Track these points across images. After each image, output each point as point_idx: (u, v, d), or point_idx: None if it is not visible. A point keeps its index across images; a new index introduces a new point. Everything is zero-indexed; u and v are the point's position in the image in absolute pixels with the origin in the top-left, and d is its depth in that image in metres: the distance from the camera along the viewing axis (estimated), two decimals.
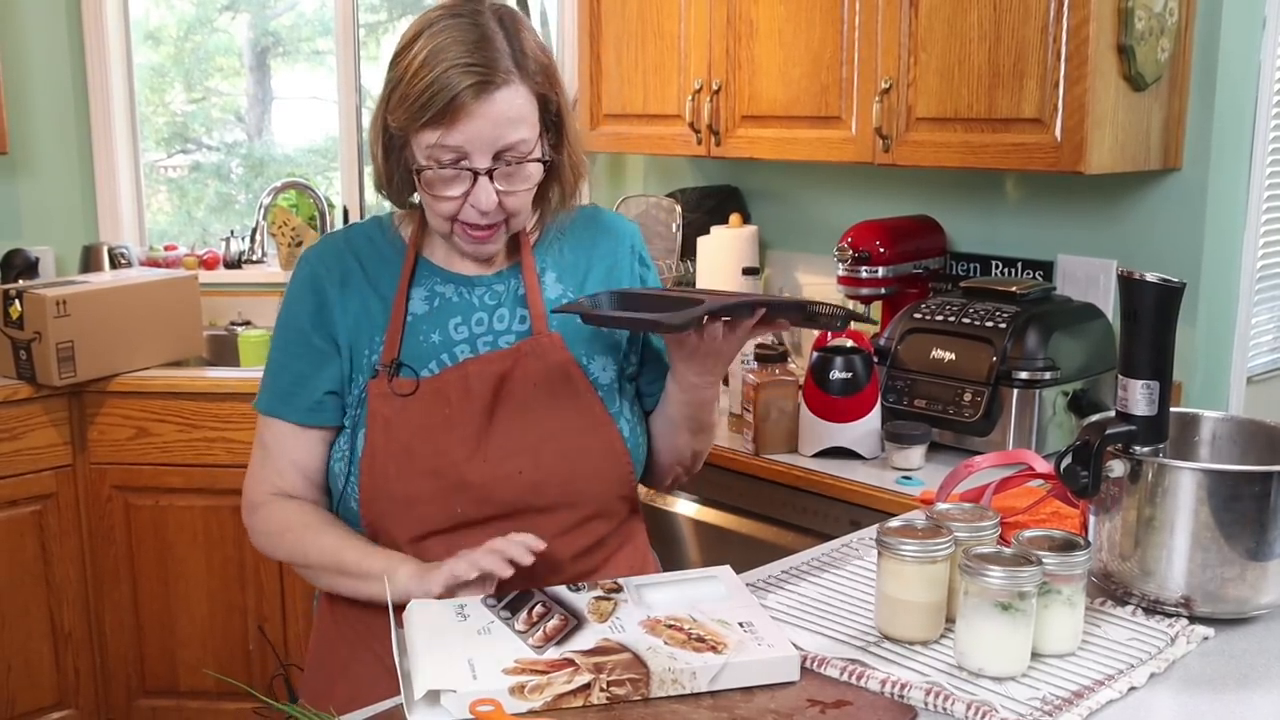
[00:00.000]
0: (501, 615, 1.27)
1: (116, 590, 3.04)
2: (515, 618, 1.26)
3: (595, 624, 1.25)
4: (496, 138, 1.34)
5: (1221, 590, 1.31)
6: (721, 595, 1.33)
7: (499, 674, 1.15)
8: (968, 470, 1.55)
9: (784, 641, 1.23)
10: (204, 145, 4.00)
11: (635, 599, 1.31)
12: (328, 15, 3.80)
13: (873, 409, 2.30)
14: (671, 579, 1.38)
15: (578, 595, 1.32)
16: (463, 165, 1.35)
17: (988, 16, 2.28)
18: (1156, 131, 2.34)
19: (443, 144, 1.34)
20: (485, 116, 1.33)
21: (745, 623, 1.26)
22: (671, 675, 1.16)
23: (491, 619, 1.26)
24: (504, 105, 1.34)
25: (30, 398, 2.89)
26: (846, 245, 2.61)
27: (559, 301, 1.49)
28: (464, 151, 1.35)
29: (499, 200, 1.38)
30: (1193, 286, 2.37)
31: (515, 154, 1.37)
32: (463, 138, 1.33)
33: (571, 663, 1.17)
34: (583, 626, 1.25)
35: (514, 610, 1.28)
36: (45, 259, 3.43)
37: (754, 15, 2.71)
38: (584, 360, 1.48)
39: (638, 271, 1.57)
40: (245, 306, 3.58)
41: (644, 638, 1.22)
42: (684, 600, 1.31)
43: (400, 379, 1.43)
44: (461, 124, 1.33)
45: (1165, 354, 1.33)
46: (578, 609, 1.28)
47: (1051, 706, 1.15)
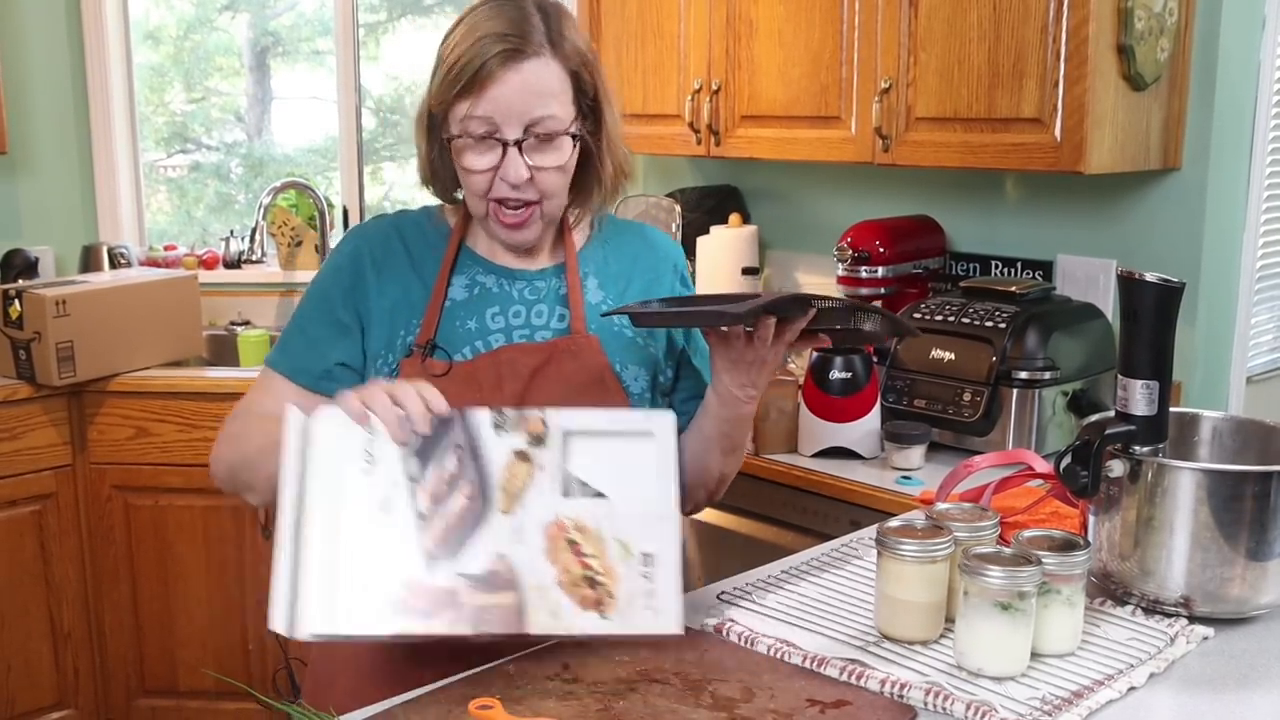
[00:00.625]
0: (410, 470, 1.23)
1: (116, 590, 3.04)
2: (423, 476, 1.23)
3: (500, 515, 1.22)
4: (526, 109, 1.36)
5: (1221, 590, 1.31)
6: (645, 477, 1.27)
7: (383, 612, 1.17)
8: (967, 470, 1.55)
9: (672, 599, 1.22)
10: (204, 145, 4.00)
11: (555, 460, 1.25)
12: (327, 15, 3.80)
13: (872, 409, 2.30)
14: (605, 428, 1.30)
15: (499, 440, 1.26)
16: (493, 135, 1.37)
17: (987, 16, 2.28)
18: (1156, 131, 2.34)
19: (473, 114, 1.36)
20: (513, 85, 1.35)
21: (647, 555, 1.23)
22: (549, 629, 1.19)
23: (396, 479, 1.23)
24: (533, 75, 1.36)
25: (30, 398, 2.89)
26: (846, 245, 2.61)
27: (600, 306, 1.49)
28: (494, 123, 1.36)
29: (530, 176, 1.38)
30: (1192, 286, 2.37)
31: (545, 128, 1.37)
32: (491, 106, 1.35)
33: (455, 598, 1.18)
34: (487, 517, 1.22)
35: (424, 460, 1.24)
36: (45, 259, 3.43)
37: (753, 15, 2.71)
38: (618, 367, 1.47)
39: (678, 290, 1.57)
40: (245, 306, 3.58)
41: (537, 565, 1.21)
42: (605, 477, 1.26)
43: (433, 360, 1.44)
44: (490, 91, 1.35)
45: (1165, 354, 1.34)
46: (488, 473, 1.24)
47: (1051, 706, 1.15)
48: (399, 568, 1.20)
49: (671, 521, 1.27)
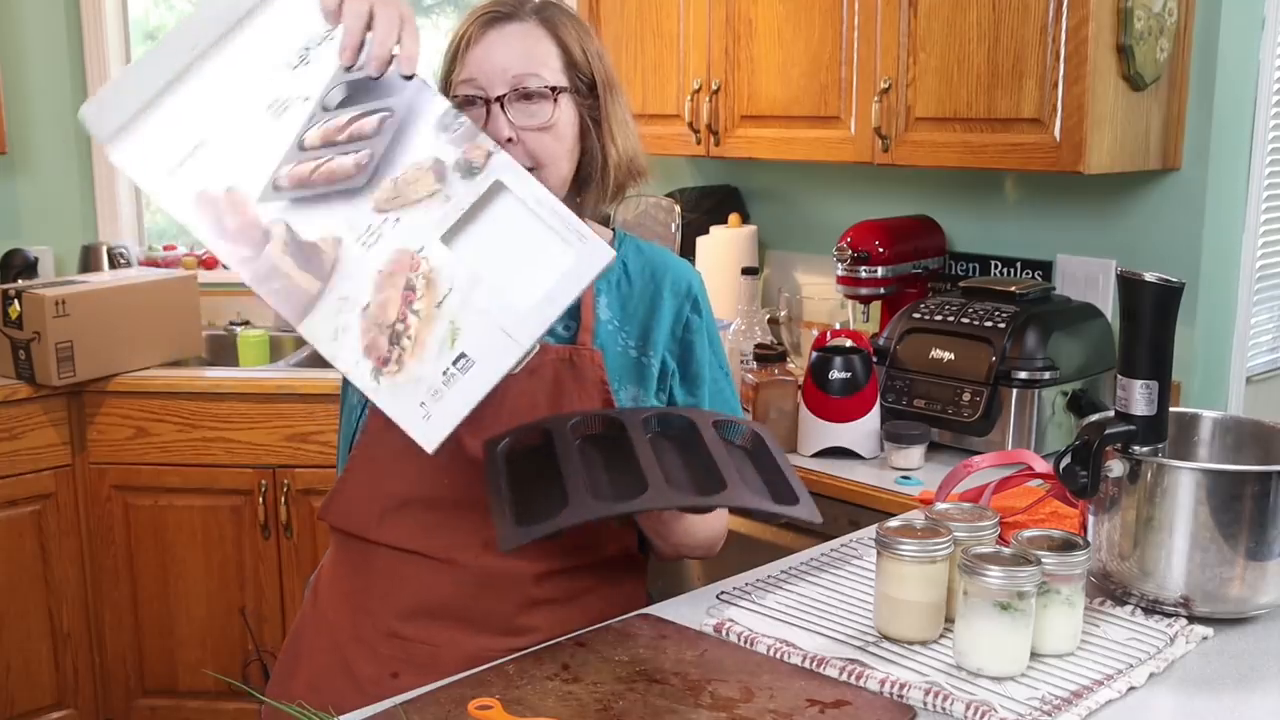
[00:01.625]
0: (328, 97, 1.08)
1: (115, 590, 3.04)
2: (334, 112, 1.08)
3: (369, 204, 1.06)
4: (507, 66, 1.37)
5: (1221, 590, 1.31)
6: (533, 289, 1.09)
7: (185, 190, 1.05)
8: (967, 470, 1.55)
9: (447, 422, 1.08)
10: None
11: (465, 201, 1.08)
12: None
13: (872, 409, 2.30)
14: (537, 209, 1.11)
15: (433, 139, 1.09)
16: (479, 96, 1.37)
17: (987, 16, 2.28)
18: (1156, 131, 2.34)
19: (461, 79, 1.38)
20: (495, 44, 1.37)
21: (465, 358, 1.08)
22: (316, 342, 1.08)
23: (309, 94, 1.08)
24: (514, 36, 1.38)
25: (29, 398, 2.89)
26: (846, 245, 2.61)
27: (607, 325, 1.47)
28: (479, 84, 1.37)
29: (515, 137, 1.37)
30: (1192, 286, 2.37)
31: (528, 85, 1.37)
32: (476, 67, 1.37)
33: (262, 240, 1.05)
34: (356, 197, 1.06)
35: (349, 99, 1.09)
36: (44, 259, 3.43)
37: (753, 15, 2.71)
38: (615, 385, 1.45)
39: (685, 315, 1.52)
40: (244, 306, 3.58)
41: (361, 279, 1.06)
42: (497, 256, 1.08)
43: None
44: (474, 53, 1.38)
45: (1164, 354, 1.34)
46: (394, 159, 1.07)
47: (1051, 706, 1.15)
48: (237, 170, 1.06)
49: (516, 353, 1.11)
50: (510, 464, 1.28)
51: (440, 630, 1.40)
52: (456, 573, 1.40)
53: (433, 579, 1.41)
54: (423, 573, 1.42)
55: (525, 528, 1.17)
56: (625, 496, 1.19)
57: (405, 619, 1.42)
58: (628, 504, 1.19)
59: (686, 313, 1.52)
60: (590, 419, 1.33)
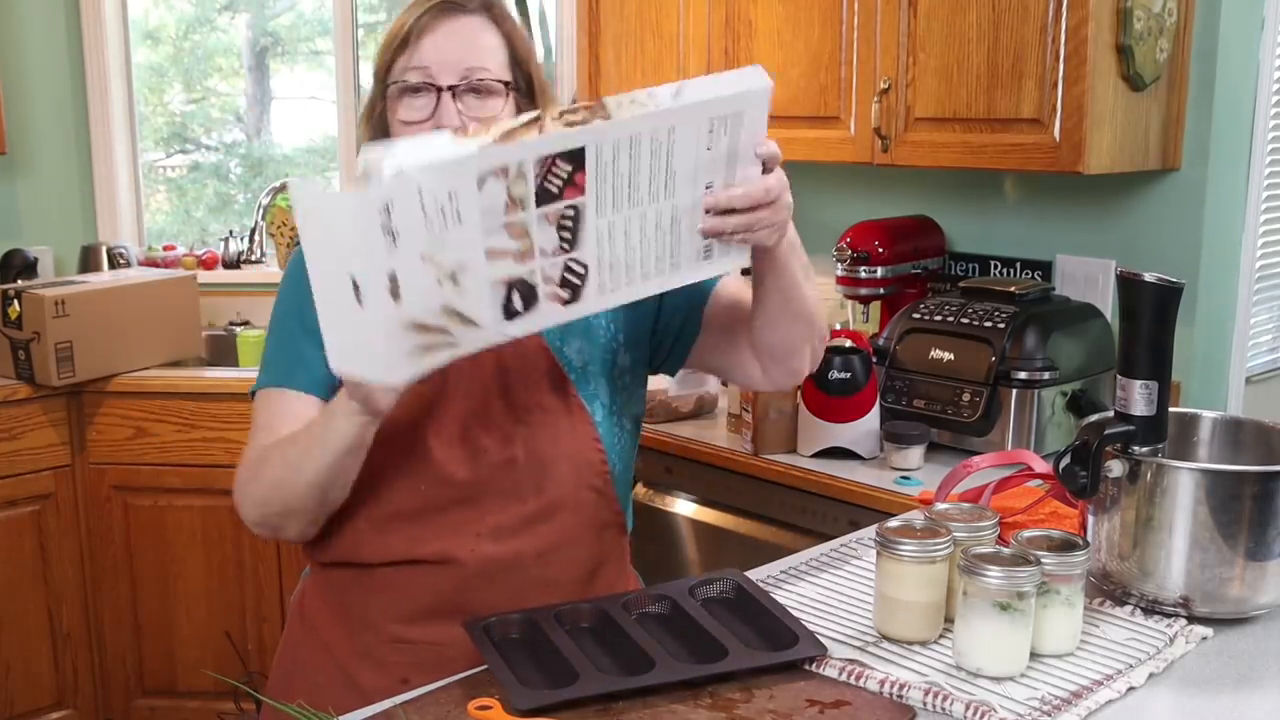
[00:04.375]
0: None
1: (115, 590, 3.04)
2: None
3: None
4: (461, 58, 1.36)
5: (1220, 590, 1.32)
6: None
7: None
8: (966, 470, 1.55)
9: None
10: (203, 145, 4.00)
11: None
12: (326, 15, 3.80)
13: (871, 409, 2.30)
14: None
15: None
16: (428, 84, 1.36)
17: (986, 17, 2.28)
18: (1155, 131, 2.34)
19: (409, 65, 1.37)
20: (449, 34, 1.37)
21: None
22: (629, 99, 1.08)
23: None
24: (468, 30, 1.38)
25: (29, 398, 2.89)
26: (845, 245, 2.61)
27: None
28: (430, 72, 1.36)
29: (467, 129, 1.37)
30: (1191, 286, 2.37)
31: (480, 78, 1.37)
32: (427, 55, 1.36)
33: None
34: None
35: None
36: (44, 259, 3.43)
37: (753, 15, 2.70)
38: (557, 344, 1.44)
39: None
40: (244, 307, 3.58)
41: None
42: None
43: None
44: (426, 40, 1.36)
45: (1164, 354, 1.34)
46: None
47: (1050, 706, 1.15)
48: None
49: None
50: (495, 640, 1.28)
51: (446, 628, 1.39)
52: (456, 569, 1.40)
53: (433, 581, 1.41)
54: (422, 577, 1.41)
55: (538, 690, 1.17)
56: (634, 672, 1.20)
57: (409, 624, 1.41)
58: (639, 678, 1.19)
59: None
60: (577, 609, 1.34)
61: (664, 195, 1.14)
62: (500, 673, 1.19)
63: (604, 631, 1.30)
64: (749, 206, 1.20)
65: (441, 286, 1.07)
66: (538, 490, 1.42)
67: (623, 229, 1.14)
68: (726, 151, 1.15)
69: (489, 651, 1.23)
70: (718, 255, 1.22)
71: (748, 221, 1.21)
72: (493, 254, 1.08)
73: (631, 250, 1.16)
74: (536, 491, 1.42)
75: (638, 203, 1.13)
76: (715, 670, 1.20)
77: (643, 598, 1.35)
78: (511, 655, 1.25)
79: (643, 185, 1.12)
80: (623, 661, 1.24)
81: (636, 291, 1.20)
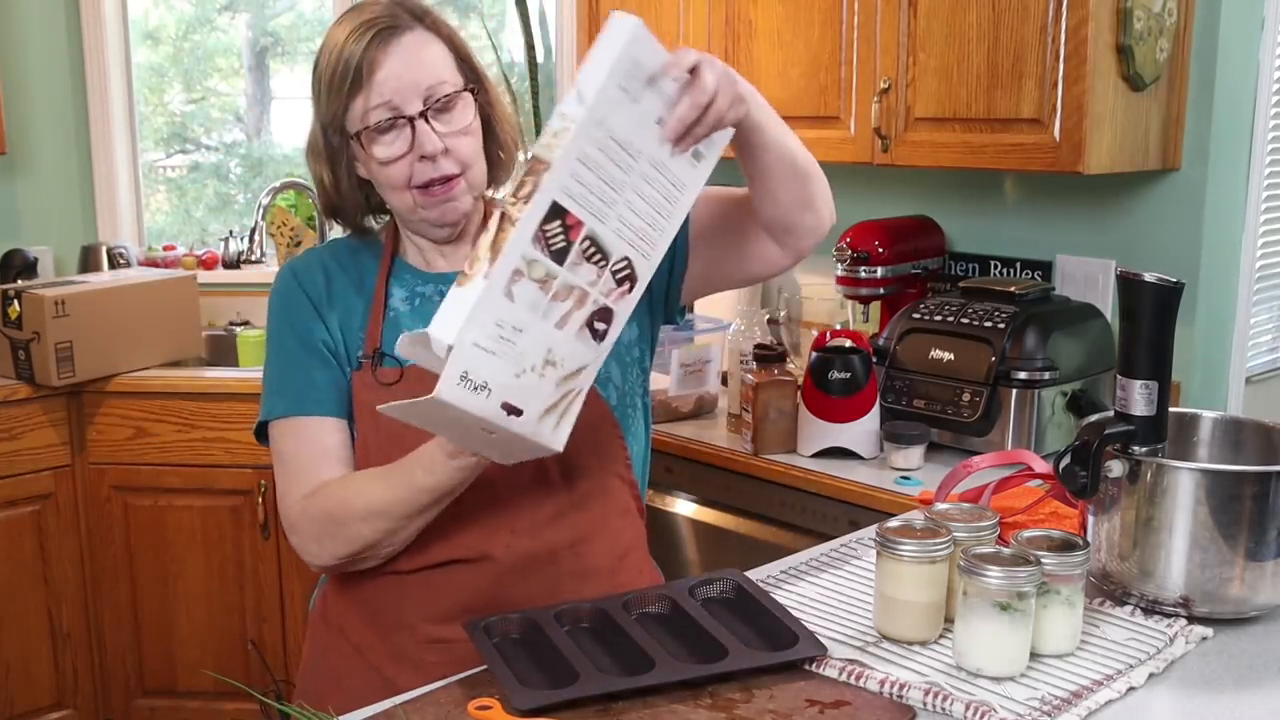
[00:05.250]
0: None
1: (115, 590, 3.04)
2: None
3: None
4: (418, 80, 1.36)
5: (1220, 590, 1.31)
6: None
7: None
8: (966, 470, 1.55)
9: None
10: (203, 145, 4.00)
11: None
12: (326, 15, 3.80)
13: (871, 409, 2.30)
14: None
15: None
16: (398, 117, 1.36)
17: (986, 17, 2.28)
18: (1155, 131, 2.34)
19: (371, 105, 1.36)
20: (399, 61, 1.36)
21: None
22: (552, 134, 1.14)
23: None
24: (413, 48, 1.37)
25: (29, 398, 2.89)
26: (845, 245, 2.61)
27: None
28: (394, 105, 1.36)
29: (445, 147, 1.37)
30: (1191, 286, 2.37)
31: (442, 93, 1.37)
32: (387, 89, 1.35)
33: None
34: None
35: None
36: (44, 259, 3.43)
37: (753, 15, 2.70)
38: None
39: None
40: (244, 306, 3.58)
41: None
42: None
43: (384, 369, 1.41)
44: (379, 75, 1.35)
45: (1164, 354, 1.34)
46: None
47: (1050, 707, 1.15)
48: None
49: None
50: (495, 640, 1.28)
51: None
52: (492, 566, 1.40)
53: (470, 579, 1.41)
54: (458, 576, 1.41)
55: (538, 690, 1.17)
56: (634, 673, 1.20)
57: (447, 623, 1.41)
58: (639, 678, 1.19)
59: None
60: (577, 609, 1.34)
61: (635, 161, 1.20)
62: (500, 673, 1.19)
63: (604, 631, 1.30)
64: (700, 112, 1.22)
65: (545, 377, 1.17)
66: (566, 482, 1.43)
67: (628, 209, 1.21)
68: (649, 92, 1.20)
69: (489, 651, 1.23)
70: (705, 150, 1.28)
71: (710, 119, 1.23)
72: (561, 323, 1.17)
73: (645, 213, 1.22)
74: (565, 483, 1.43)
75: (623, 186, 1.19)
76: (715, 670, 1.20)
77: (643, 598, 1.35)
78: (511, 655, 1.25)
79: (615, 173, 1.18)
80: (623, 661, 1.23)
81: (670, 230, 1.26)
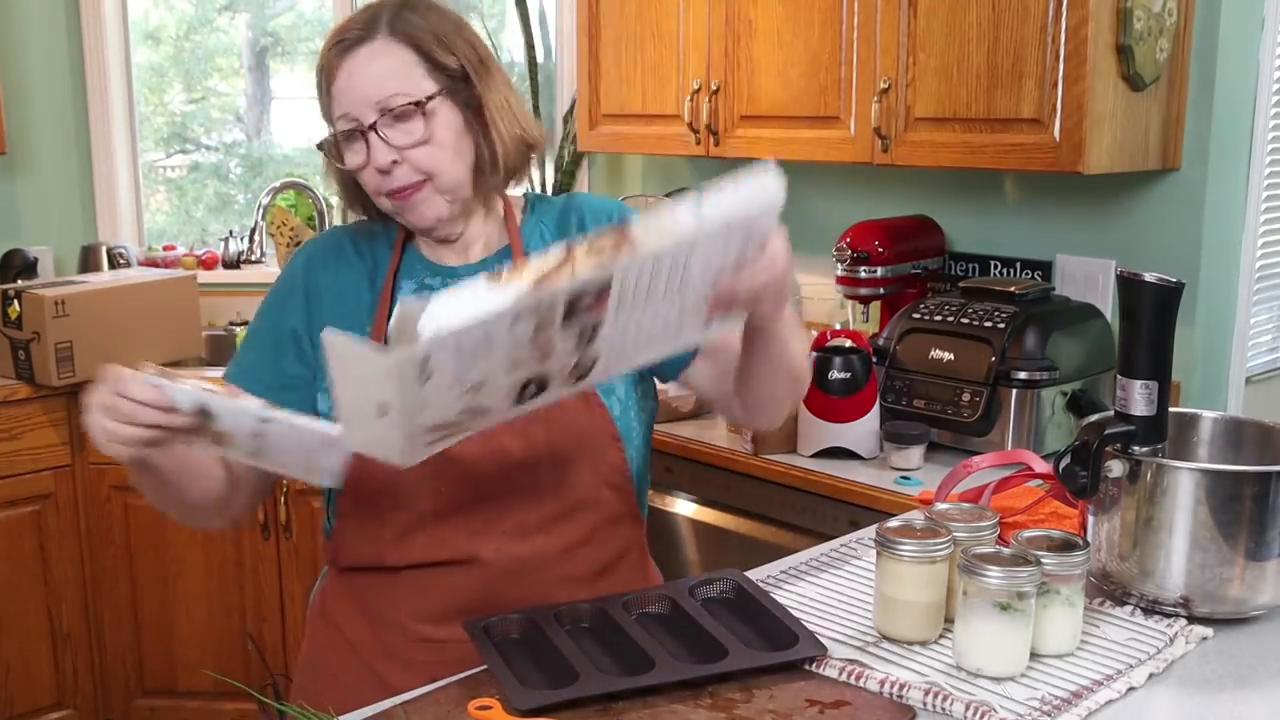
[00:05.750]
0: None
1: (115, 590, 3.04)
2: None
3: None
4: (369, 92, 1.36)
5: (1220, 590, 1.31)
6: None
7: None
8: (966, 470, 1.55)
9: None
10: (203, 145, 4.00)
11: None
12: (326, 15, 3.80)
13: (871, 409, 2.30)
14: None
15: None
16: (355, 128, 1.37)
17: (986, 17, 2.28)
18: (1155, 132, 2.34)
19: (336, 114, 1.39)
20: (352, 73, 1.37)
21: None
22: (656, 226, 1.07)
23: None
24: (366, 60, 1.37)
25: (29, 398, 2.89)
26: (845, 245, 2.61)
27: None
28: (352, 115, 1.37)
29: (396, 159, 1.37)
30: (1191, 286, 2.37)
31: (393, 105, 1.36)
32: (345, 100, 1.37)
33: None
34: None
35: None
36: (44, 259, 3.43)
37: (753, 15, 2.70)
38: None
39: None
40: (244, 306, 3.58)
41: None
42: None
43: None
44: (337, 85, 1.38)
45: (1164, 354, 1.34)
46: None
47: (1050, 707, 1.15)
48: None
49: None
50: (495, 640, 1.28)
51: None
52: (481, 569, 1.40)
53: (461, 580, 1.41)
54: (449, 577, 1.41)
55: (538, 690, 1.17)
56: (634, 673, 1.20)
57: (437, 623, 1.41)
58: (639, 678, 1.19)
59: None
60: (577, 609, 1.34)
61: (678, 294, 1.14)
62: (500, 673, 1.19)
63: (604, 631, 1.30)
64: (756, 287, 1.18)
65: (463, 397, 1.11)
66: (557, 490, 1.43)
67: (637, 324, 1.15)
68: (737, 252, 1.16)
69: (489, 651, 1.23)
70: (717, 321, 1.22)
71: (755, 295, 1.19)
72: (512, 368, 1.11)
73: (641, 335, 1.17)
74: (556, 491, 1.43)
75: (652, 302, 1.13)
76: (715, 670, 1.20)
77: (643, 598, 1.35)
78: (511, 655, 1.25)
79: (659, 291, 1.13)
80: (623, 661, 1.23)
81: (640, 361, 1.21)
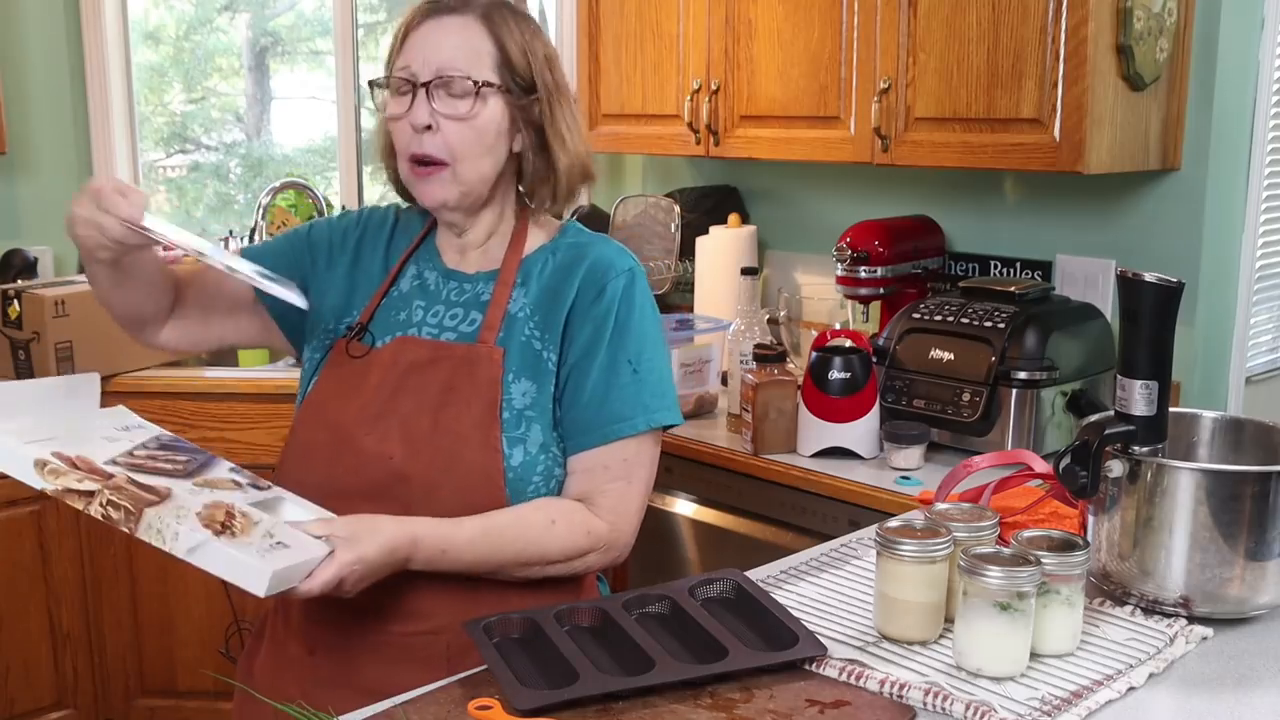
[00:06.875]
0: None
1: (115, 590, 3.04)
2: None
3: (188, 483, 1.31)
4: (436, 55, 1.40)
5: (1220, 590, 1.32)
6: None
7: (41, 448, 1.26)
8: (966, 470, 1.55)
9: (262, 571, 1.21)
10: (203, 145, 4.00)
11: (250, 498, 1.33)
12: (326, 15, 3.80)
13: (871, 409, 2.30)
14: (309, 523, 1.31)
15: (232, 492, 1.34)
16: (409, 81, 1.41)
17: (986, 17, 2.28)
18: (1155, 131, 2.34)
19: (399, 65, 1.43)
20: (429, 33, 1.42)
21: (279, 543, 1.25)
22: (158, 527, 1.22)
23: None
24: (449, 28, 1.42)
25: None
26: (845, 245, 2.61)
27: (519, 314, 1.45)
28: (411, 70, 1.41)
29: (433, 125, 1.39)
30: (1191, 286, 2.37)
31: (451, 74, 1.39)
32: (410, 55, 1.42)
33: (102, 473, 1.25)
34: (180, 477, 1.32)
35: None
36: (44, 259, 3.42)
37: (753, 15, 2.71)
38: (510, 378, 1.43)
39: (586, 306, 1.45)
40: None
41: (188, 502, 1.27)
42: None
43: (358, 343, 1.49)
44: (410, 41, 1.43)
45: (1164, 354, 1.34)
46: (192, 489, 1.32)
47: (1050, 707, 1.15)
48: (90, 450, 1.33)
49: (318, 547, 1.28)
50: (494, 640, 1.28)
51: (442, 608, 1.41)
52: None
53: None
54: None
55: (538, 690, 1.17)
56: (634, 673, 1.20)
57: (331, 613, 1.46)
58: (639, 678, 1.19)
59: (589, 300, 1.44)
60: (577, 609, 1.34)
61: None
62: (500, 673, 1.19)
63: (604, 631, 1.30)
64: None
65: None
66: (431, 511, 1.39)
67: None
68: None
69: (489, 651, 1.23)
70: None
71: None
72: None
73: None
74: (429, 511, 1.39)
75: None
76: (715, 670, 1.20)
77: (643, 598, 1.35)
78: (511, 655, 1.25)
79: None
80: (623, 661, 1.24)
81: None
